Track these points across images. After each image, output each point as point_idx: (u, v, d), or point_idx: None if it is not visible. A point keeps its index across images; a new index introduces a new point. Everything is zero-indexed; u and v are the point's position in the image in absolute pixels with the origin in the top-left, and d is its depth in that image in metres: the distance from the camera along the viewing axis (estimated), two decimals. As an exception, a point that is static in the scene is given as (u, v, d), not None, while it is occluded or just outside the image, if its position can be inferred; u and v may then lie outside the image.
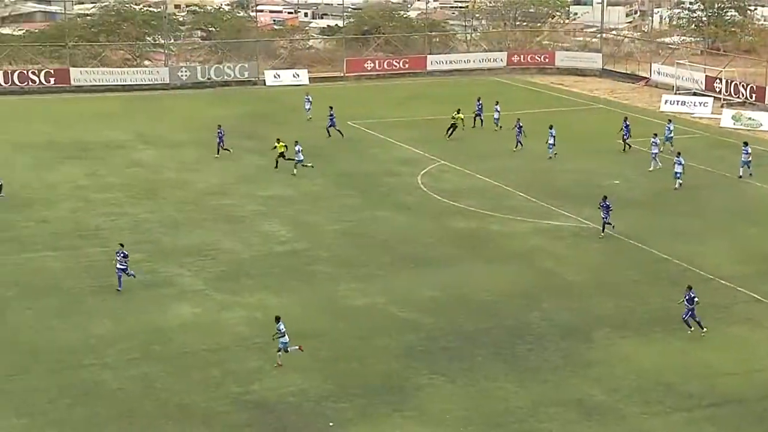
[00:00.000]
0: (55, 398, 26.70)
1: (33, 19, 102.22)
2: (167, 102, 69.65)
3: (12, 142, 55.42)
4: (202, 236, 40.73)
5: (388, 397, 27.25)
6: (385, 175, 50.42)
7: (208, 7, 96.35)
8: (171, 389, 27.47)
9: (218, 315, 32.83)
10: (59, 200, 45.23)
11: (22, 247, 38.91)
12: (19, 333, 31.14)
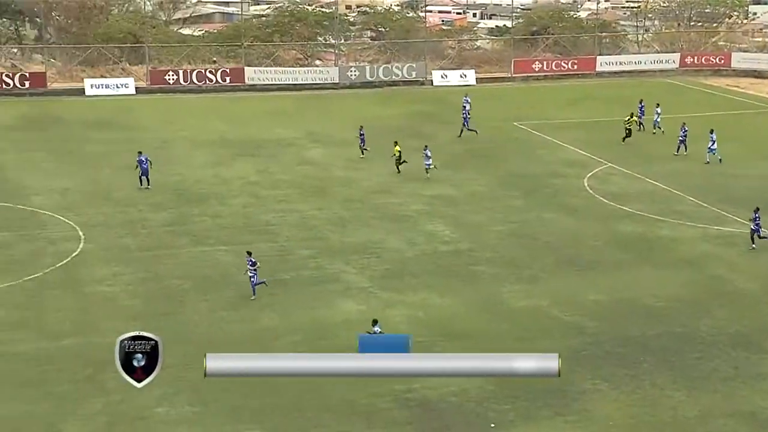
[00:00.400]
0: (228, 388, 27.59)
1: (212, 20, 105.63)
2: (336, 101, 70.86)
3: (190, 139, 57.44)
4: (367, 234, 41.32)
5: (551, 400, 27.06)
6: (550, 177, 50.01)
7: (378, 8, 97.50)
8: (335, 384, 28.00)
9: (382, 312, 33.22)
10: (232, 196, 46.64)
11: (197, 241, 40.32)
12: (195, 324, 32.31)
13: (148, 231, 41.27)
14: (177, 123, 61.43)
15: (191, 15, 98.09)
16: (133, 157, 48.23)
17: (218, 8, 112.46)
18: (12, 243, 39.13)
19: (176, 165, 51.57)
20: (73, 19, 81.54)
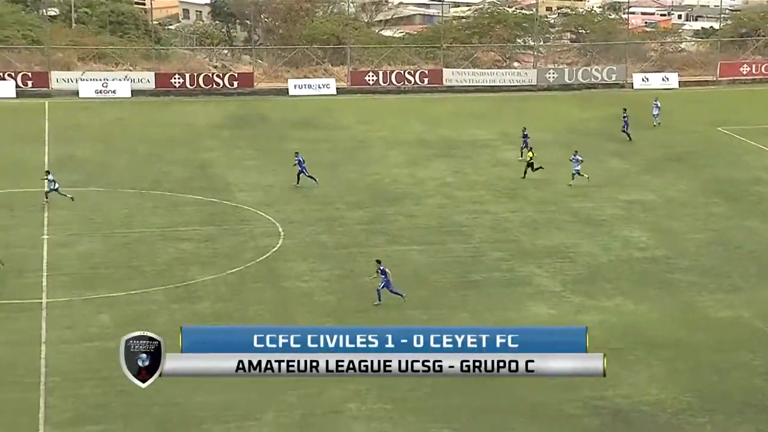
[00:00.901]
0: (416, 387, 27.92)
1: (412, 21, 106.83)
2: (533, 103, 70.42)
3: (387, 139, 58.31)
4: (560, 238, 40.97)
5: (751, 415, 26.18)
6: (755, 184, 48.24)
7: (579, 9, 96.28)
8: (526, 386, 27.90)
9: (574, 317, 32.92)
10: (426, 196, 47.10)
11: (391, 240, 40.95)
12: (387, 322, 32.62)
13: (344, 229, 42.20)
14: (375, 123, 62.49)
15: (392, 17, 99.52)
16: (333, 156, 49.43)
17: (419, 10, 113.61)
18: (217, 237, 40.78)
19: (373, 164, 52.47)
20: (280, 21, 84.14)
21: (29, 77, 67.99)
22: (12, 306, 33.20)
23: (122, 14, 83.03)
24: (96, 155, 52.46)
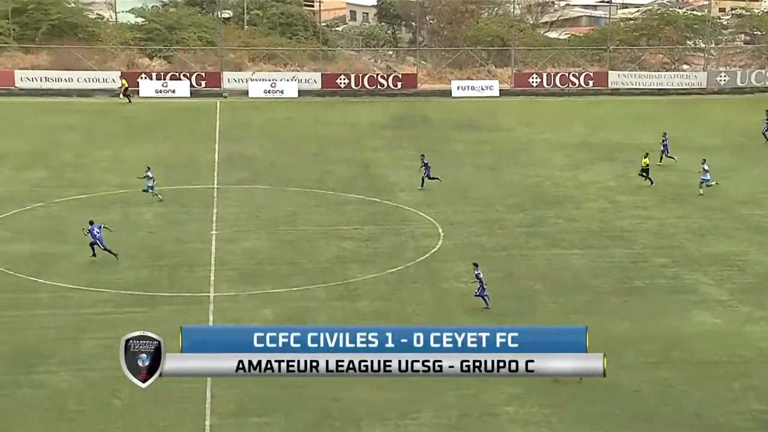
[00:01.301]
0: (575, 392, 27.66)
1: (578, 23, 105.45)
2: (702, 106, 68.64)
3: (549, 142, 57.85)
4: (728, 245, 39.86)
5: None
6: None
7: (755, 10, 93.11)
8: (689, 397, 27.34)
9: (741, 327, 32.02)
10: (588, 200, 46.51)
11: (551, 243, 40.64)
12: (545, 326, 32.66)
13: (503, 231, 42.10)
14: (537, 125, 62.06)
15: (558, 18, 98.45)
16: (494, 158, 49.20)
17: (585, 11, 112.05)
18: (378, 236, 41.30)
19: (535, 167, 52.15)
20: (445, 22, 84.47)
21: (203, 77, 70.33)
22: (182, 298, 34.44)
23: (292, 16, 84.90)
24: (264, 154, 53.86)
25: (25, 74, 68.55)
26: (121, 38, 74.54)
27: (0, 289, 34.58)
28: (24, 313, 32.72)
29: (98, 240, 36.98)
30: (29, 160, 50.84)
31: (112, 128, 59.06)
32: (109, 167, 50.35)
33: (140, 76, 69.20)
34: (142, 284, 35.41)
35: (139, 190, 44.73)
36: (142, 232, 40.96)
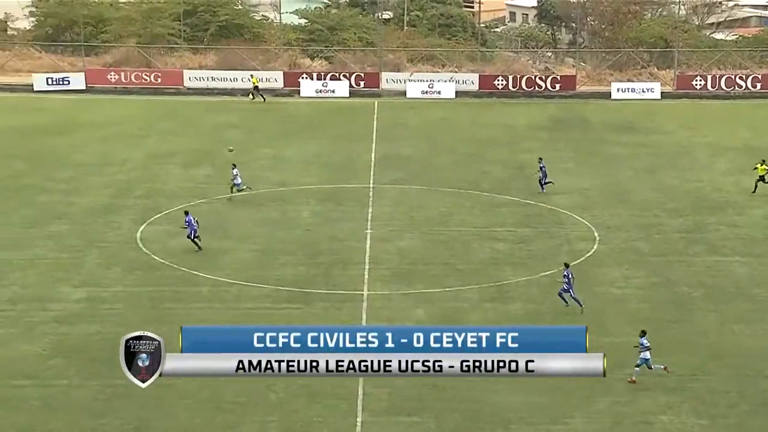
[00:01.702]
0: (736, 403, 26.93)
1: (747, 24, 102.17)
2: None
3: (711, 145, 56.35)
4: None
5: None
6: None
7: None
8: None
9: None
10: (752, 206, 45.09)
11: (712, 250, 39.60)
12: (703, 334, 31.85)
13: (662, 236, 41.24)
14: (699, 129, 60.51)
15: (725, 19, 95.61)
16: (653, 161, 48.08)
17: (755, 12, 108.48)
18: (532, 239, 41.04)
19: (695, 171, 50.91)
20: (606, 24, 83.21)
21: (362, 77, 71.26)
22: (337, 296, 35.01)
23: (451, 17, 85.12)
24: (419, 154, 54.21)
25: (193, 74, 70.88)
26: (285, 39, 76.23)
27: (164, 282, 35.86)
28: (185, 305, 33.86)
29: (193, 230, 38.46)
30: (195, 158, 52.54)
31: (273, 127, 60.48)
32: (269, 165, 51.60)
33: (301, 76, 70.62)
34: (298, 281, 36.17)
35: (297, 188, 45.69)
36: (299, 229, 41.83)
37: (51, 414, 26.32)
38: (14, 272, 36.17)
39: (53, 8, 78.15)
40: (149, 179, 48.10)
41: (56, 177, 47.99)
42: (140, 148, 54.43)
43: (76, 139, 56.05)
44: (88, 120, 60.81)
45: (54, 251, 38.22)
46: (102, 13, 77.26)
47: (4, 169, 49.14)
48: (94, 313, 32.93)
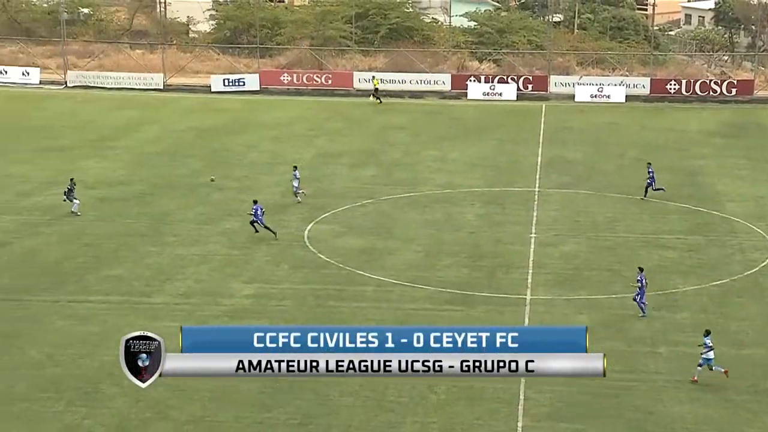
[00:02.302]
0: None
1: None
2: None
3: None
4: None
5: None
6: None
7: None
8: None
9: None
10: None
11: None
12: None
13: (842, 248, 39.56)
14: None
15: None
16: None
17: None
18: (702, 247, 39.99)
19: None
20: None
21: (530, 81, 70.84)
22: (499, 299, 34.95)
23: (623, 20, 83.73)
24: (586, 158, 53.54)
25: (362, 76, 71.93)
26: (453, 41, 76.50)
27: (331, 280, 36.54)
28: (350, 304, 34.40)
29: (259, 219, 39.63)
30: (362, 159, 53.34)
31: (439, 129, 60.79)
32: (435, 167, 51.90)
33: (469, 79, 70.72)
34: (461, 283, 36.27)
35: (462, 190, 45.80)
36: (463, 231, 41.93)
37: (220, 406, 27.18)
38: (189, 267, 37.50)
39: (232, 12, 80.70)
40: (317, 179, 49.10)
41: (230, 175, 49.51)
42: (310, 148, 55.63)
43: (249, 138, 57.70)
44: (261, 120, 62.53)
45: (226, 248, 39.45)
46: (278, 16, 79.31)
47: (182, 168, 50.99)
48: (262, 309, 33.85)
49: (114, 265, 37.37)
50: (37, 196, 45.20)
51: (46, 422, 26.11)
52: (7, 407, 26.21)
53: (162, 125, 60.93)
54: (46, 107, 65.63)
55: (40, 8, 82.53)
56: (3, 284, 35.34)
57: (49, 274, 36.37)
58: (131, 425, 26.18)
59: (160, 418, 26.51)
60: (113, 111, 64.61)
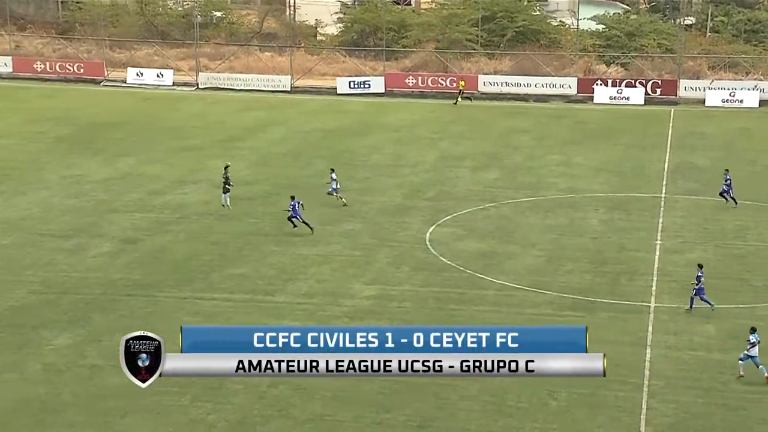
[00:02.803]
0: None
1: None
2: None
3: None
4: None
5: None
6: None
7: None
8: None
9: None
10: None
11: None
12: None
13: None
14: None
15: None
16: None
17: None
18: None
19: None
20: None
21: (658, 85, 69.64)
22: (622, 306, 34.43)
23: (759, 22, 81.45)
24: (715, 164, 52.26)
25: (487, 79, 71.77)
26: (581, 45, 75.67)
27: (451, 283, 36.56)
28: (470, 308, 34.36)
29: (297, 214, 40.28)
30: (485, 162, 53.22)
31: (564, 133, 60.23)
32: (558, 171, 51.46)
33: (595, 83, 69.89)
34: (582, 289, 35.88)
35: (586, 195, 45.27)
36: (586, 236, 41.47)
37: (340, 405, 27.47)
38: (311, 267, 38.00)
39: (359, 14, 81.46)
40: (440, 181, 49.17)
41: (353, 177, 50.00)
42: (432, 150, 55.76)
43: (373, 140, 58.18)
44: (385, 122, 62.97)
45: (348, 248, 39.85)
46: (404, 19, 79.72)
47: (307, 169, 51.71)
48: (382, 311, 34.08)
49: (239, 264, 38.14)
50: (168, 195, 46.43)
51: (172, 415, 26.83)
52: (138, 400, 27.01)
53: (288, 126, 61.90)
54: (179, 108, 67.38)
55: (175, 12, 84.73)
56: (134, 280, 36.41)
57: (177, 271, 37.34)
58: (253, 421, 26.69)
59: (281, 416, 26.95)
60: (241, 112, 65.94)
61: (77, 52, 78.46)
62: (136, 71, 75.04)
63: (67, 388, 27.94)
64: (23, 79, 74.70)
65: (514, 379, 29.06)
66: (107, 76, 75.46)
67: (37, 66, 76.25)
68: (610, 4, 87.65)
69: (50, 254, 38.83)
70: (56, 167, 51.08)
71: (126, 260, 38.40)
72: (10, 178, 49.02)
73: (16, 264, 37.81)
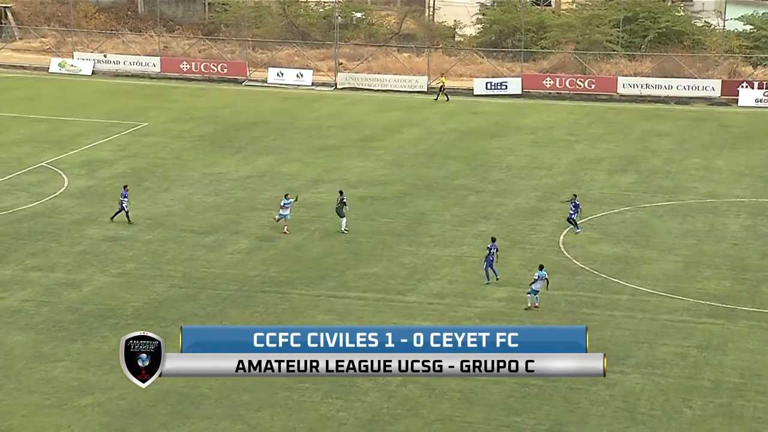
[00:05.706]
0: None
1: None
2: None
3: None
4: None
5: None
6: None
7: None
8: None
9: None
10: None
11: None
12: None
13: None
14: None
15: None
16: None
17: None
18: None
19: None
20: None
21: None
22: (763, 315, 33.46)
23: None
24: None
25: (627, 81, 70.54)
26: (726, 46, 73.70)
27: (584, 287, 36.16)
28: (603, 312, 33.93)
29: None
30: (621, 165, 52.37)
31: (706, 136, 58.80)
32: (698, 175, 50.28)
33: (741, 85, 68.01)
34: (721, 296, 35.02)
35: (727, 200, 44.11)
36: (726, 242, 40.46)
37: (470, 407, 27.50)
38: (443, 268, 38.11)
39: (498, 15, 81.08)
40: (575, 184, 48.60)
41: (488, 178, 49.89)
42: (568, 152, 55.16)
43: (508, 142, 57.89)
44: (521, 124, 62.58)
45: (480, 250, 39.68)
46: (543, 20, 78.98)
47: (442, 170, 51.81)
48: (513, 313, 33.95)
49: (372, 263, 38.52)
50: (304, 194, 47.21)
51: (304, 411, 27.31)
52: (271, 395, 27.60)
53: (423, 127, 62.12)
54: (317, 108, 68.37)
55: (316, 13, 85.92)
56: (270, 277, 37.16)
57: (312, 269, 37.93)
58: (383, 420, 26.95)
59: (410, 415, 27.14)
60: (378, 112, 66.48)
61: (221, 53, 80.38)
62: (276, 71, 76.40)
63: (205, 382, 28.70)
64: (170, 79, 76.92)
65: (648, 386, 28.66)
66: (249, 76, 77.07)
67: (183, 66, 78.37)
68: (759, 4, 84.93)
69: (191, 250, 39.95)
70: (198, 165, 52.45)
71: (262, 257, 39.22)
72: (155, 175, 50.56)
73: (159, 258, 39.03)
